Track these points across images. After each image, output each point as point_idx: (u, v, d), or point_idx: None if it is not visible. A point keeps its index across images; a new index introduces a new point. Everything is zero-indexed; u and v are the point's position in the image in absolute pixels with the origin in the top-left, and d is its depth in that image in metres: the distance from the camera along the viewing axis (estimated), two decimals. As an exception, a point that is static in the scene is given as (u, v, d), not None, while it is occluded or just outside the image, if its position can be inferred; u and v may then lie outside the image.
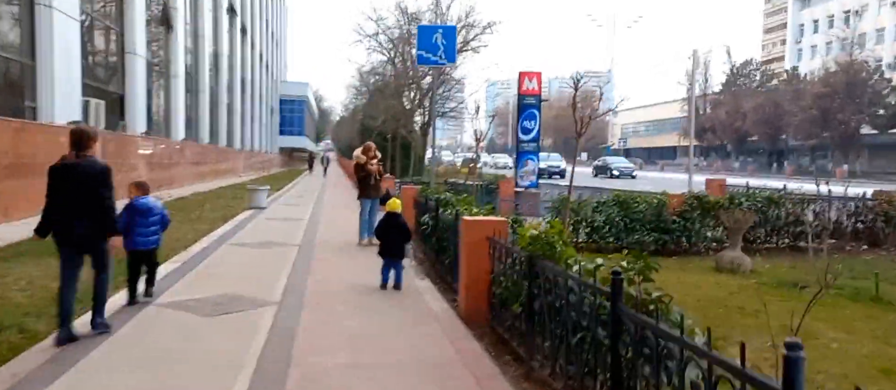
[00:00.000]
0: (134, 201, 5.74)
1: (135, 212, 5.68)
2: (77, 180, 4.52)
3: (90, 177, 4.53)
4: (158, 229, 5.89)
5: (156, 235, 5.85)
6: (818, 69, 68.75)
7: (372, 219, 10.36)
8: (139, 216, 5.69)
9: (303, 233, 11.46)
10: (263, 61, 53.01)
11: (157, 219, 5.85)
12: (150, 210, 5.79)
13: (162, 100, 22.83)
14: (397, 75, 30.41)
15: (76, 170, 4.52)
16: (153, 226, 5.81)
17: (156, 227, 5.84)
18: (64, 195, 4.54)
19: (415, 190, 11.14)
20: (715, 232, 11.29)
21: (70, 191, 4.53)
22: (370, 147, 10.32)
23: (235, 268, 7.85)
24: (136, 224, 5.67)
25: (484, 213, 7.10)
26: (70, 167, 4.53)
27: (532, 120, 17.22)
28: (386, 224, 6.95)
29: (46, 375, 3.97)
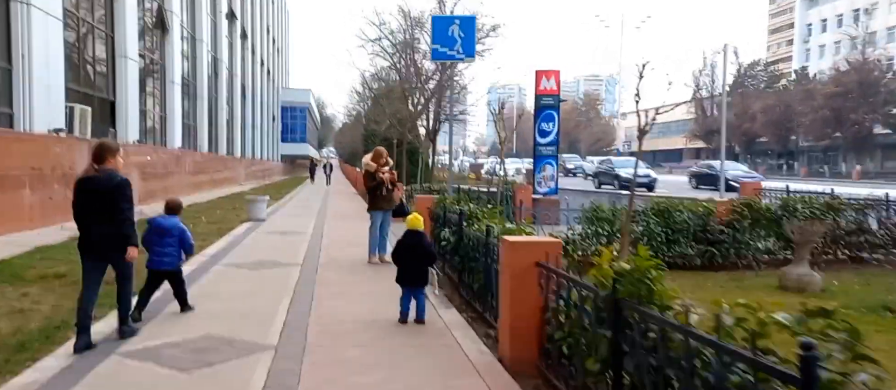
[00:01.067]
0: (153, 220, 5.69)
1: (152, 231, 5.63)
2: (94, 192, 4.70)
3: (107, 189, 4.68)
4: (174, 251, 5.71)
5: (171, 256, 5.69)
6: (829, 69, 67.60)
7: (384, 234, 9.19)
8: (155, 235, 5.63)
9: (305, 250, 10.28)
10: (265, 67, 51.99)
11: (173, 240, 5.67)
12: (167, 230, 5.66)
13: (157, 107, 21.72)
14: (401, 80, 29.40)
15: (93, 183, 4.71)
16: (169, 247, 5.65)
17: (172, 248, 5.68)
18: (84, 206, 4.73)
19: (430, 200, 9.96)
20: (767, 242, 10.09)
21: (88, 202, 4.71)
22: (381, 153, 9.14)
23: (226, 297, 6.65)
24: (153, 243, 5.63)
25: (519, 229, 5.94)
26: (88, 179, 4.75)
27: (550, 121, 16.05)
28: (405, 245, 5.75)
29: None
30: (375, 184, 8.98)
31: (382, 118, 29.04)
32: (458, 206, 8.44)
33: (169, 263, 5.68)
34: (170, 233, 5.66)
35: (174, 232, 5.68)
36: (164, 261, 5.65)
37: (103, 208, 4.69)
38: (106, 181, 4.71)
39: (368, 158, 9.15)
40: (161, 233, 5.64)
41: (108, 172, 4.76)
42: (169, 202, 5.95)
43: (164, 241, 5.64)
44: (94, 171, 4.77)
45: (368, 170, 9.08)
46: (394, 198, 9.21)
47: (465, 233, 7.05)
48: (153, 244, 5.63)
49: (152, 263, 5.64)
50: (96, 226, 4.71)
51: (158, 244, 5.63)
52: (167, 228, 5.68)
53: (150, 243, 5.64)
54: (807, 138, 65.97)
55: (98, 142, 4.97)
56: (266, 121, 53.54)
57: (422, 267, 5.69)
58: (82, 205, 4.75)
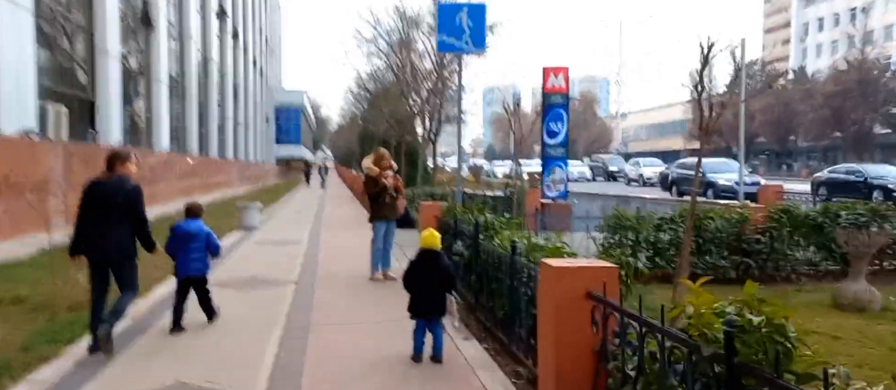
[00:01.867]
0: (176, 225, 5.50)
1: (176, 237, 5.44)
2: (104, 198, 4.66)
3: (118, 196, 4.66)
4: (202, 256, 5.53)
5: (198, 262, 5.51)
6: (827, 68, 67.12)
7: (388, 247, 8.25)
8: (181, 241, 5.43)
9: (300, 264, 9.33)
10: (257, 67, 50.94)
11: (200, 244, 5.50)
12: (192, 235, 5.47)
13: (142, 108, 20.71)
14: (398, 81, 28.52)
15: (104, 189, 4.69)
16: (196, 253, 5.47)
17: (199, 254, 5.50)
18: (91, 212, 4.68)
19: (437, 207, 9.03)
20: (806, 252, 9.20)
21: (96, 208, 4.67)
22: (383, 155, 8.20)
23: (204, 330, 5.69)
24: (179, 249, 5.43)
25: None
26: (97, 185, 4.73)
27: (559, 121, 15.14)
28: (419, 267, 4.81)
29: None
30: (377, 191, 8.04)
31: (380, 118, 28.10)
32: (472, 216, 7.52)
33: (197, 269, 5.50)
34: (195, 237, 5.47)
35: (199, 236, 5.50)
36: (191, 266, 5.46)
37: (110, 214, 4.67)
38: (116, 187, 4.71)
39: (369, 161, 8.21)
40: (186, 239, 5.45)
41: (119, 178, 4.77)
42: (189, 206, 5.75)
43: (189, 247, 5.44)
44: (104, 177, 4.78)
45: (369, 174, 8.14)
46: (399, 207, 8.27)
47: (484, 248, 6.12)
48: (178, 251, 5.43)
49: (180, 271, 5.46)
50: (102, 231, 4.67)
51: (184, 250, 5.42)
52: (192, 233, 5.48)
53: (175, 250, 5.45)
54: (806, 138, 65.40)
55: (110, 149, 5.06)
56: (259, 122, 52.47)
57: (439, 294, 4.75)
58: (89, 211, 4.71)
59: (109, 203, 4.68)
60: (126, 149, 5.24)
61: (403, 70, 27.94)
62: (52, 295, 7.00)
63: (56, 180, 12.25)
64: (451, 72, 26.02)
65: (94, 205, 4.71)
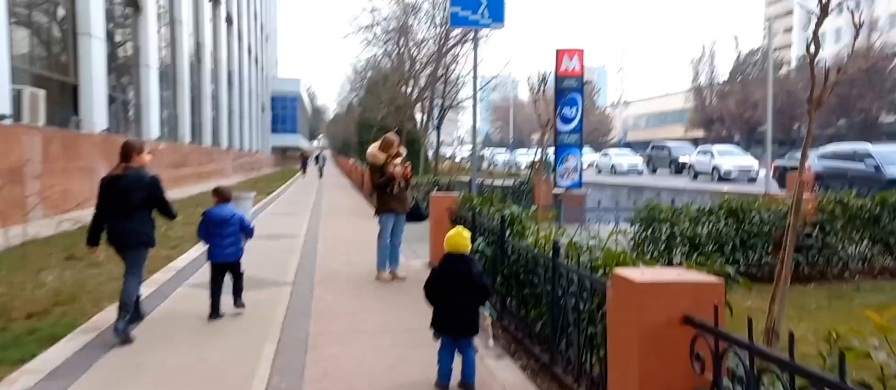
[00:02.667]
0: (208, 211, 5.45)
1: (210, 223, 5.41)
2: (124, 191, 4.83)
3: (138, 188, 4.86)
4: (236, 240, 5.49)
5: (233, 246, 5.48)
6: (832, 56, 66.14)
7: (397, 243, 7.32)
8: (214, 226, 5.40)
9: (297, 261, 8.39)
10: (252, 55, 49.75)
11: (234, 228, 5.46)
12: (224, 220, 5.42)
13: (130, 93, 19.65)
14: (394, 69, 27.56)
15: (122, 181, 4.86)
16: (230, 237, 5.43)
17: (233, 238, 5.46)
18: (109, 203, 4.87)
19: (450, 199, 8.08)
20: (860, 247, 8.30)
21: (117, 201, 4.85)
22: (391, 141, 7.23)
23: (180, 348, 4.73)
24: (212, 234, 5.40)
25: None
26: (117, 178, 4.89)
27: (574, 106, 14.18)
28: (445, 276, 3.85)
29: None
30: (385, 181, 7.09)
31: (378, 105, 27.12)
32: (494, 208, 6.58)
33: (232, 254, 5.45)
34: (227, 222, 5.42)
35: (232, 220, 5.45)
36: (226, 251, 5.42)
37: (130, 206, 4.83)
38: (135, 180, 4.86)
39: (375, 149, 7.25)
40: (219, 224, 5.40)
41: (137, 171, 4.91)
42: (220, 190, 5.66)
43: (223, 232, 5.39)
44: (122, 170, 4.89)
45: (375, 162, 7.18)
46: (407, 198, 7.32)
47: (515, 247, 5.19)
48: (212, 236, 5.40)
49: (214, 256, 5.42)
50: (122, 221, 4.85)
51: (217, 236, 5.39)
52: (224, 218, 5.42)
53: (209, 236, 5.41)
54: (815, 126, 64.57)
55: (124, 142, 5.08)
56: (255, 111, 51.34)
57: (470, 308, 3.81)
58: (108, 202, 4.87)
59: (130, 196, 4.83)
60: (139, 141, 5.23)
61: (401, 57, 27.01)
62: (10, 298, 6.07)
63: (32, 168, 11.28)
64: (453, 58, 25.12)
65: (114, 198, 4.86)
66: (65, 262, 8.06)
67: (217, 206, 5.51)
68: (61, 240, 9.97)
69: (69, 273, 7.40)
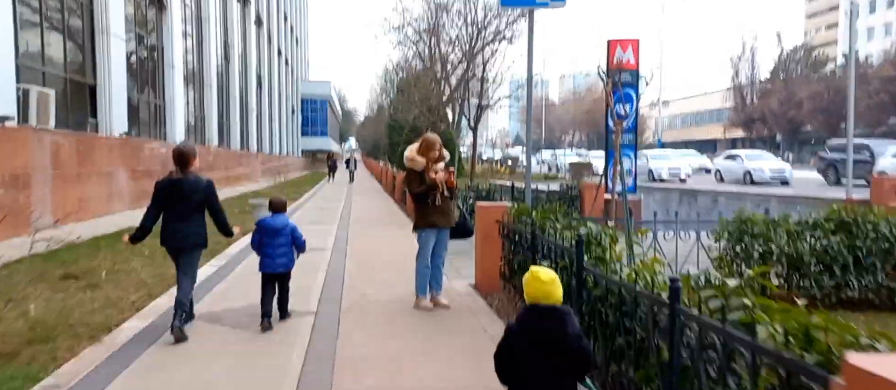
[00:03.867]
0: (262, 220, 5.45)
1: (263, 232, 5.41)
2: (183, 195, 5.05)
3: (196, 192, 5.09)
4: (288, 251, 5.45)
5: (284, 257, 5.44)
6: (883, 51, 63.07)
7: (439, 264, 6.12)
8: (266, 236, 5.39)
9: (322, 283, 7.26)
10: (282, 57, 49.26)
11: (286, 239, 5.42)
12: (277, 230, 5.39)
13: (152, 95, 18.90)
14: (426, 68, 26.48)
15: (181, 186, 5.07)
16: (281, 248, 5.40)
17: (284, 249, 5.42)
18: (170, 207, 5.08)
19: (499, 210, 6.85)
20: None
21: (175, 204, 5.05)
22: (432, 143, 6.01)
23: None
24: (265, 244, 5.39)
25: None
26: (175, 183, 5.11)
27: (628, 102, 12.80)
28: (527, 340, 2.58)
29: None
30: (424, 190, 5.88)
31: (410, 106, 26.03)
32: (561, 223, 5.33)
33: (284, 265, 5.46)
34: (281, 232, 5.43)
35: (285, 231, 5.45)
36: (278, 262, 5.42)
37: (187, 209, 5.07)
38: (195, 184, 5.12)
39: (413, 151, 6.05)
40: (272, 235, 5.40)
41: (194, 176, 5.15)
42: (274, 200, 5.68)
43: (276, 243, 5.40)
44: (179, 175, 5.11)
45: (413, 168, 5.99)
46: (452, 210, 6.12)
47: (603, 281, 3.94)
48: (264, 246, 5.41)
49: (266, 266, 5.42)
50: (178, 224, 5.06)
51: (270, 246, 5.40)
52: (278, 228, 5.42)
53: (261, 246, 5.43)
54: (858, 125, 61.63)
55: (177, 148, 5.28)
56: (285, 114, 50.86)
57: (566, 387, 2.57)
58: (165, 206, 5.09)
59: (188, 199, 5.06)
60: (192, 148, 5.39)
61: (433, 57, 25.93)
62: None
63: (41, 173, 10.42)
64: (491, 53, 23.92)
65: (172, 201, 5.06)
66: (59, 283, 7.06)
67: (271, 217, 5.49)
68: (66, 253, 9.02)
69: (60, 296, 6.39)
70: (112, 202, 13.85)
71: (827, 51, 78.90)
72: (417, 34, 26.77)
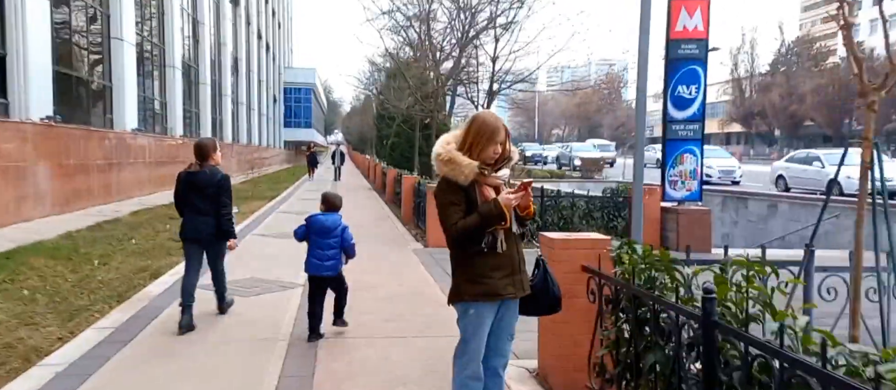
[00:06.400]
0: (312, 217, 5.01)
1: (310, 230, 4.97)
2: (197, 186, 5.14)
3: (209, 185, 5.13)
4: (337, 253, 4.97)
5: (333, 260, 4.94)
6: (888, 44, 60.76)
7: (499, 368, 3.13)
8: (314, 235, 4.95)
9: (279, 369, 4.26)
10: (263, 41, 45.87)
11: (335, 241, 4.94)
12: (328, 230, 4.92)
13: (102, 76, 15.70)
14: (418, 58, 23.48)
15: (198, 178, 5.15)
16: (330, 250, 4.92)
17: (334, 251, 4.94)
18: (185, 198, 5.19)
19: (587, 246, 3.90)
20: None
21: (190, 195, 5.16)
22: (493, 129, 2.92)
23: None
24: (312, 244, 4.96)
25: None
26: (192, 174, 5.18)
27: (693, 83, 9.92)
28: None
29: None
30: (478, 224, 2.89)
31: (402, 93, 22.95)
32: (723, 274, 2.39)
33: (331, 268, 4.93)
34: (332, 232, 4.92)
35: (336, 231, 4.94)
36: (325, 265, 4.91)
37: (204, 201, 5.13)
38: (210, 177, 5.14)
39: (450, 145, 3.02)
40: (322, 233, 4.91)
41: (211, 169, 5.18)
42: (328, 197, 5.14)
43: (325, 243, 4.91)
44: (197, 167, 5.17)
45: (452, 177, 2.97)
46: (523, 263, 3.12)
47: None
48: (312, 246, 4.95)
49: (313, 268, 4.95)
50: (197, 216, 5.15)
51: (318, 246, 4.91)
52: (329, 228, 4.92)
53: (310, 245, 4.98)
54: (860, 121, 59.51)
55: (197, 142, 5.38)
56: (266, 102, 47.51)
57: None
58: (184, 197, 5.20)
59: (204, 191, 5.12)
60: (212, 141, 5.36)
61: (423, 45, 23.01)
62: None
63: None
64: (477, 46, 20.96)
65: (188, 193, 5.16)
66: None
67: (323, 213, 4.99)
68: None
69: None
70: (24, 206, 10.75)
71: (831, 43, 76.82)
72: (407, 20, 23.83)
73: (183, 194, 5.19)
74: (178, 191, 5.24)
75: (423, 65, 22.61)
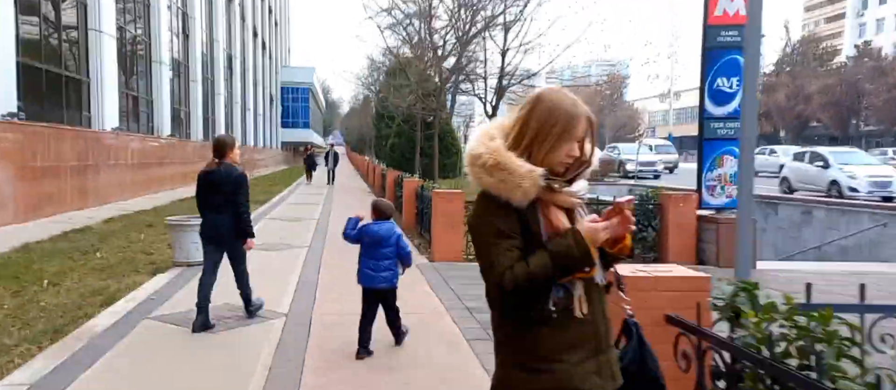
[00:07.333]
0: (365, 226, 4.67)
1: (362, 241, 4.64)
2: (214, 184, 5.10)
3: (225, 183, 5.08)
4: (393, 263, 4.60)
5: (388, 271, 4.57)
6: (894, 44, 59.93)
7: None
8: (368, 246, 4.61)
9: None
10: (259, 39, 44.68)
11: (390, 251, 4.58)
12: (382, 239, 4.58)
13: (73, 68, 14.51)
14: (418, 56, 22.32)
15: (214, 176, 5.11)
16: (386, 261, 4.56)
17: (389, 261, 4.58)
18: (204, 197, 5.17)
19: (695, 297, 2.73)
20: None
21: (208, 193, 5.14)
22: (574, 118, 1.80)
23: None
24: (363, 254, 4.62)
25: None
26: (209, 173, 5.14)
27: (735, 74, 8.75)
28: None
29: None
30: (554, 269, 1.72)
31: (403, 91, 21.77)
32: None
33: (386, 279, 4.57)
34: (386, 242, 4.57)
35: (390, 240, 4.60)
36: (379, 276, 4.54)
37: (222, 200, 5.08)
38: (226, 175, 5.08)
39: (497, 141, 1.85)
40: (375, 244, 4.56)
41: (228, 166, 5.11)
42: (379, 205, 4.77)
43: (379, 253, 4.56)
44: (215, 165, 5.12)
45: (505, 193, 1.76)
46: (610, 333, 1.96)
47: None
48: (364, 257, 4.61)
49: (367, 280, 4.56)
50: (214, 215, 5.11)
51: (372, 256, 4.57)
52: (383, 237, 4.58)
53: (362, 255, 4.63)
54: (874, 121, 58.46)
55: (216, 138, 5.35)
56: (262, 102, 46.32)
57: None
58: (202, 196, 5.18)
59: (221, 189, 5.06)
60: (231, 138, 5.34)
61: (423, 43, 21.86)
62: None
63: None
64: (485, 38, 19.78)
65: (207, 192, 5.13)
66: None
67: (375, 223, 4.65)
68: None
69: None
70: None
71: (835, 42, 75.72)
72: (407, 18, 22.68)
73: (201, 193, 5.18)
74: (198, 191, 5.24)
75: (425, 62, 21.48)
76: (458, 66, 20.81)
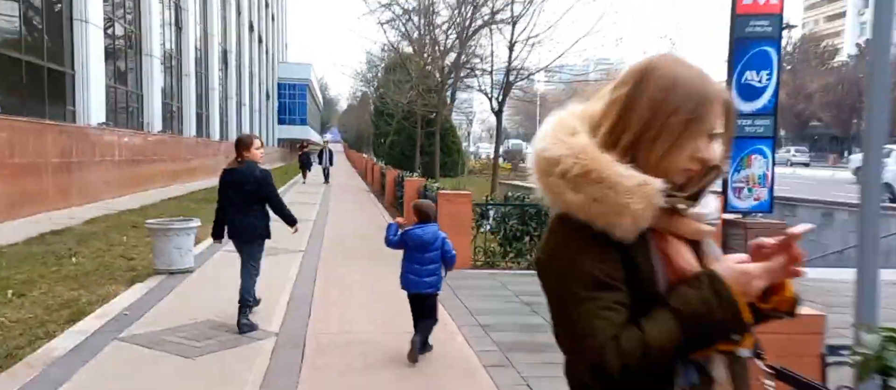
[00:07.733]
0: (408, 231, 4.50)
1: (406, 244, 4.50)
2: (237, 184, 5.05)
3: (246, 181, 5.02)
4: (437, 268, 4.47)
5: (433, 276, 4.44)
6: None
7: None
8: (412, 250, 4.47)
9: None
10: (255, 33, 43.92)
11: (435, 254, 4.45)
12: (428, 243, 4.43)
13: (56, 60, 13.79)
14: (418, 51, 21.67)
15: (236, 175, 5.08)
16: (430, 265, 4.43)
17: (434, 266, 4.44)
18: (226, 197, 5.13)
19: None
20: None
21: (230, 193, 5.09)
22: (705, 99, 1.17)
23: None
24: (407, 258, 4.50)
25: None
26: (230, 172, 5.12)
27: (764, 68, 8.11)
28: None
29: None
30: (684, 340, 1.08)
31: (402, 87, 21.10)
32: None
33: (432, 284, 4.45)
34: (430, 245, 4.44)
35: (435, 244, 4.46)
36: (424, 281, 4.42)
37: (244, 199, 5.01)
38: (248, 174, 5.03)
39: (580, 135, 1.20)
40: (421, 248, 4.43)
41: (249, 165, 5.05)
42: (421, 207, 4.59)
43: (423, 258, 4.43)
44: (237, 164, 5.09)
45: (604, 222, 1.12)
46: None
47: None
48: (408, 261, 4.48)
49: (411, 284, 4.46)
50: (235, 215, 5.04)
51: (416, 261, 4.44)
52: (427, 241, 4.43)
53: (404, 259, 4.52)
54: (873, 121, 57.96)
55: (238, 136, 5.34)
56: (258, 98, 45.57)
57: None
58: (225, 196, 5.14)
59: (243, 189, 5.01)
60: (249, 136, 5.29)
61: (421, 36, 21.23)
62: None
63: None
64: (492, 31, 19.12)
65: (229, 191, 5.07)
66: None
67: (419, 226, 4.49)
68: None
69: None
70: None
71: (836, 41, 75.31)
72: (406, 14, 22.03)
73: (223, 192, 5.14)
74: (219, 189, 5.20)
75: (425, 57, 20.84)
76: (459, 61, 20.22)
